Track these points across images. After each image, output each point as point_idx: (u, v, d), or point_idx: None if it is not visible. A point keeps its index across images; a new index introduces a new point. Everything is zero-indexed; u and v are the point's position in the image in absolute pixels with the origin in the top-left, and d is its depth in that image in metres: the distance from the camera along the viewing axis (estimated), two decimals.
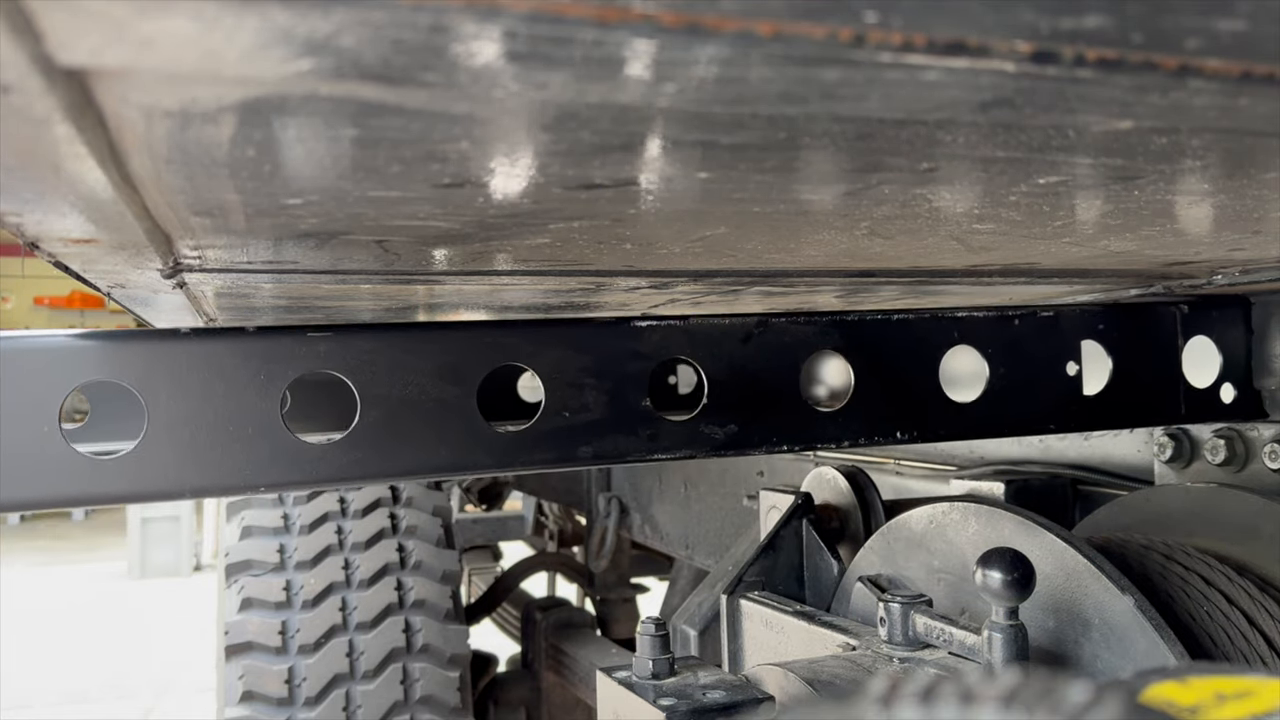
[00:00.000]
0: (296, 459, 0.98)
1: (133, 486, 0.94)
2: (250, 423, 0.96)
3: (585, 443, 1.08)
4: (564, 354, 1.07)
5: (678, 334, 1.13)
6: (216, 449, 0.95)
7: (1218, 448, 1.42)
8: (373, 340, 1.01)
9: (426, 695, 2.97)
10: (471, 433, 1.04)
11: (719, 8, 0.35)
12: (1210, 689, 0.41)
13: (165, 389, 0.93)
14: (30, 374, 0.90)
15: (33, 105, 0.42)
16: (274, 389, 0.97)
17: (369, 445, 1.00)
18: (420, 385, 1.02)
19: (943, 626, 1.12)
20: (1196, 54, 0.40)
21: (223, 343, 0.96)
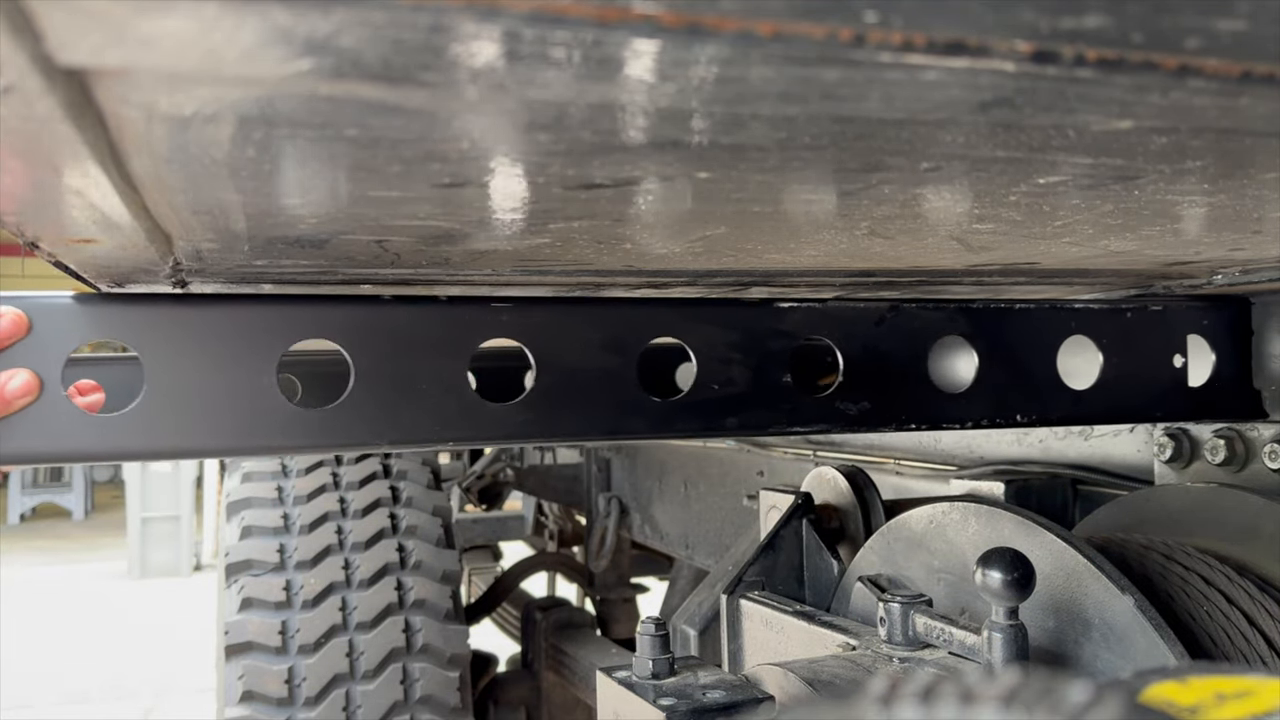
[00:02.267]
0: (479, 418, 1.06)
1: (341, 439, 1.02)
2: (441, 382, 1.04)
3: (731, 414, 1.16)
4: (714, 331, 1.14)
5: (817, 315, 1.19)
6: (412, 405, 1.03)
7: (1217, 448, 1.42)
8: (547, 312, 1.09)
9: (426, 695, 2.97)
10: (631, 400, 1.11)
11: (719, 8, 0.35)
12: (1210, 689, 0.41)
13: (370, 349, 1.01)
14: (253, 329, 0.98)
15: (33, 105, 0.42)
16: (463, 352, 1.05)
17: (542, 408, 1.08)
18: (587, 354, 1.10)
19: (943, 626, 1.12)
20: (1196, 54, 0.40)
21: (419, 309, 1.04)
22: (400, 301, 1.04)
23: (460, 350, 1.05)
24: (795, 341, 1.17)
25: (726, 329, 1.15)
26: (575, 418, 1.09)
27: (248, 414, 0.97)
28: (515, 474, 4.51)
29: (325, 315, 1.00)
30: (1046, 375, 1.28)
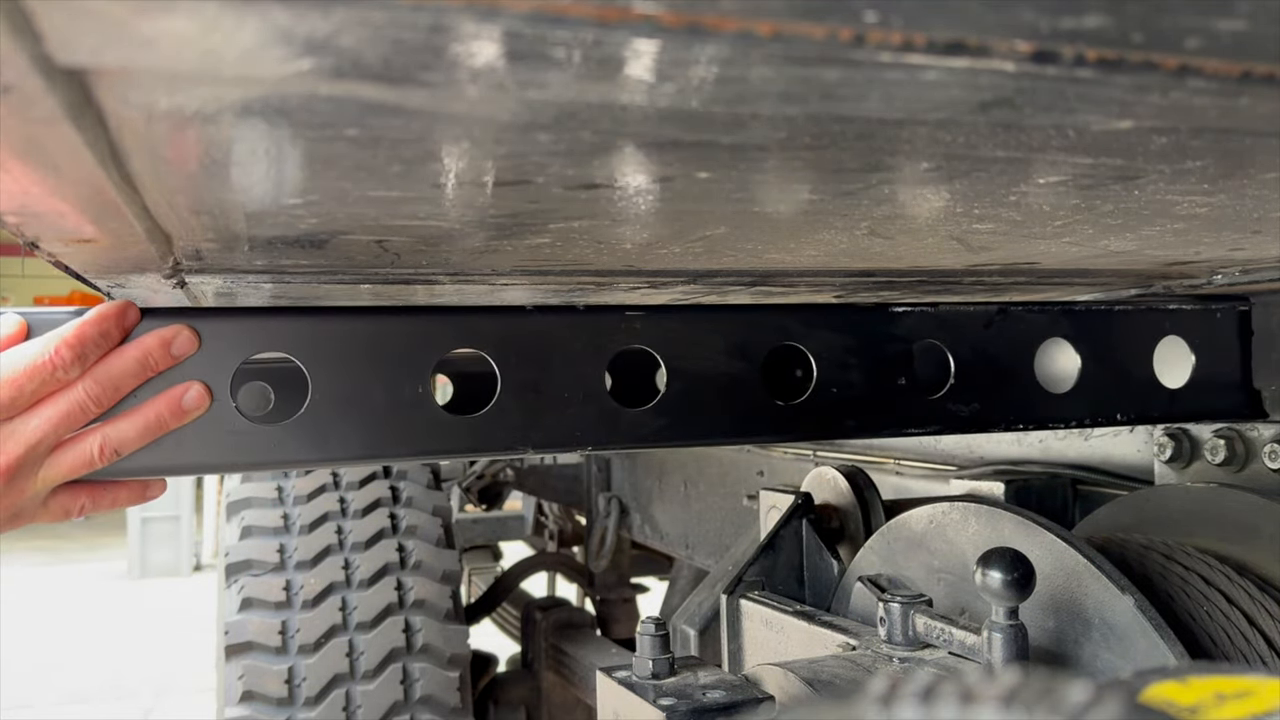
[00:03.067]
0: (616, 422, 1.10)
1: (489, 444, 1.06)
2: (581, 388, 1.08)
3: (850, 416, 1.20)
4: (832, 336, 1.19)
5: (930, 319, 1.24)
6: (554, 411, 1.07)
7: (1217, 448, 1.42)
8: (677, 320, 1.13)
9: (426, 695, 2.97)
10: (757, 404, 1.15)
11: (719, 8, 0.35)
12: (1210, 689, 0.41)
13: (515, 357, 1.06)
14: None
15: (33, 105, 0.42)
16: (600, 359, 1.10)
17: (675, 413, 1.12)
18: (715, 359, 1.14)
19: (943, 626, 1.12)
20: (1196, 54, 0.40)
21: (559, 318, 1.09)
22: (541, 311, 1.09)
23: (597, 357, 1.09)
24: (909, 345, 1.22)
25: (844, 333, 1.19)
26: (705, 421, 1.14)
27: (403, 421, 1.01)
28: (515, 474, 4.52)
29: (474, 325, 1.05)
30: (1144, 375, 1.33)
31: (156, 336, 0.92)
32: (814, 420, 1.18)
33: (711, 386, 1.13)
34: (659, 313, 1.12)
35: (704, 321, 1.14)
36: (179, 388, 0.93)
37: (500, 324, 1.06)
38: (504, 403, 1.05)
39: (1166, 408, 1.36)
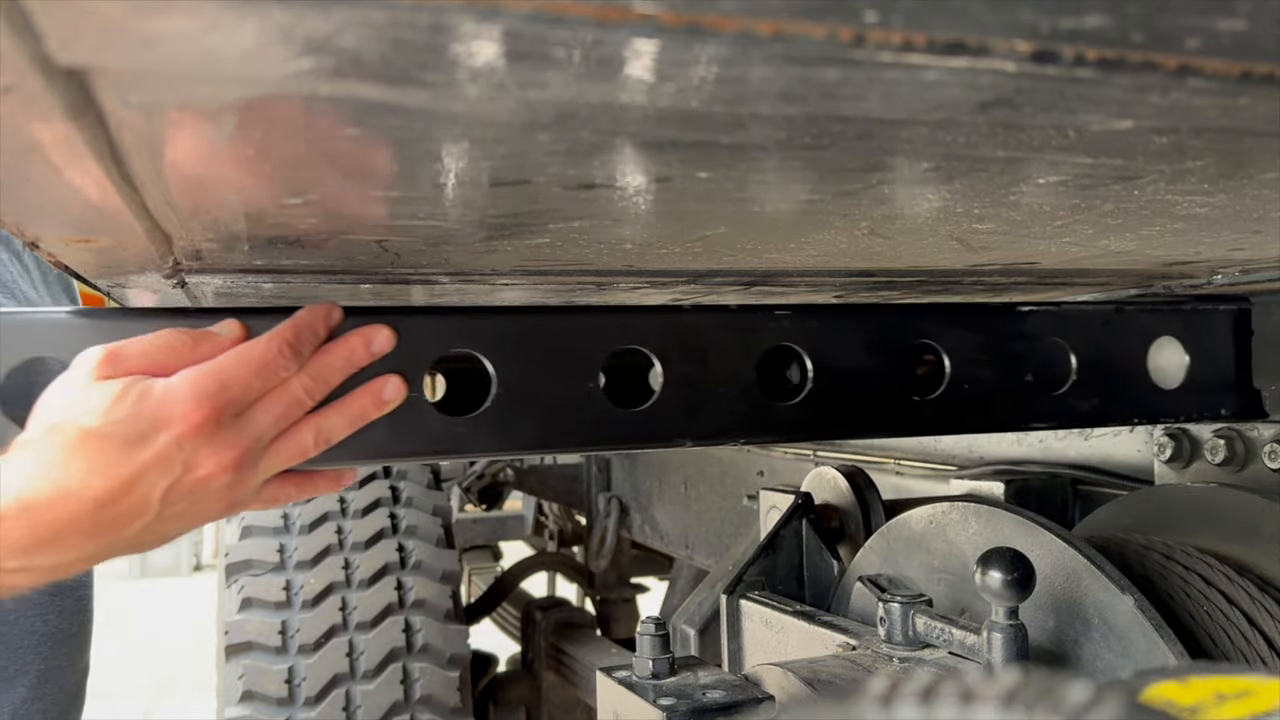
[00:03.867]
0: (767, 417, 1.15)
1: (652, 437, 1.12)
2: (735, 383, 1.13)
3: (979, 412, 1.24)
4: (964, 334, 1.23)
5: (1053, 318, 1.28)
6: (710, 405, 1.13)
7: (1217, 447, 1.42)
8: (821, 319, 1.18)
9: (426, 695, 2.97)
10: (894, 400, 1.20)
11: (719, 7, 0.35)
12: (1210, 689, 0.41)
13: (675, 353, 1.11)
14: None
15: (33, 105, 0.42)
16: (751, 356, 1.14)
17: (819, 408, 1.17)
18: (856, 356, 1.19)
19: (943, 626, 1.12)
20: (1196, 54, 0.40)
21: (714, 316, 1.15)
22: (699, 310, 1.16)
23: (748, 354, 1.14)
24: (1034, 342, 1.27)
25: (974, 332, 1.24)
26: (847, 416, 1.19)
27: (575, 414, 1.07)
28: (515, 474, 4.52)
29: (637, 324, 1.11)
30: (1242, 372, 1.37)
31: (360, 334, 0.97)
32: (947, 415, 1.23)
33: (852, 382, 1.19)
34: (804, 311, 1.18)
35: (846, 320, 1.20)
36: (379, 380, 0.97)
37: (661, 322, 1.12)
38: (665, 397, 1.11)
39: (1260, 407, 1.38)
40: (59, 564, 0.89)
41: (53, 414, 0.86)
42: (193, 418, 0.86)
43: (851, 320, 1.20)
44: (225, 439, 0.88)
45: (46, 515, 0.84)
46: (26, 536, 0.85)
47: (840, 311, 1.21)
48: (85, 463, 0.84)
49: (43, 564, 0.87)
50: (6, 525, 0.83)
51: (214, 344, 0.91)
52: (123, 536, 0.88)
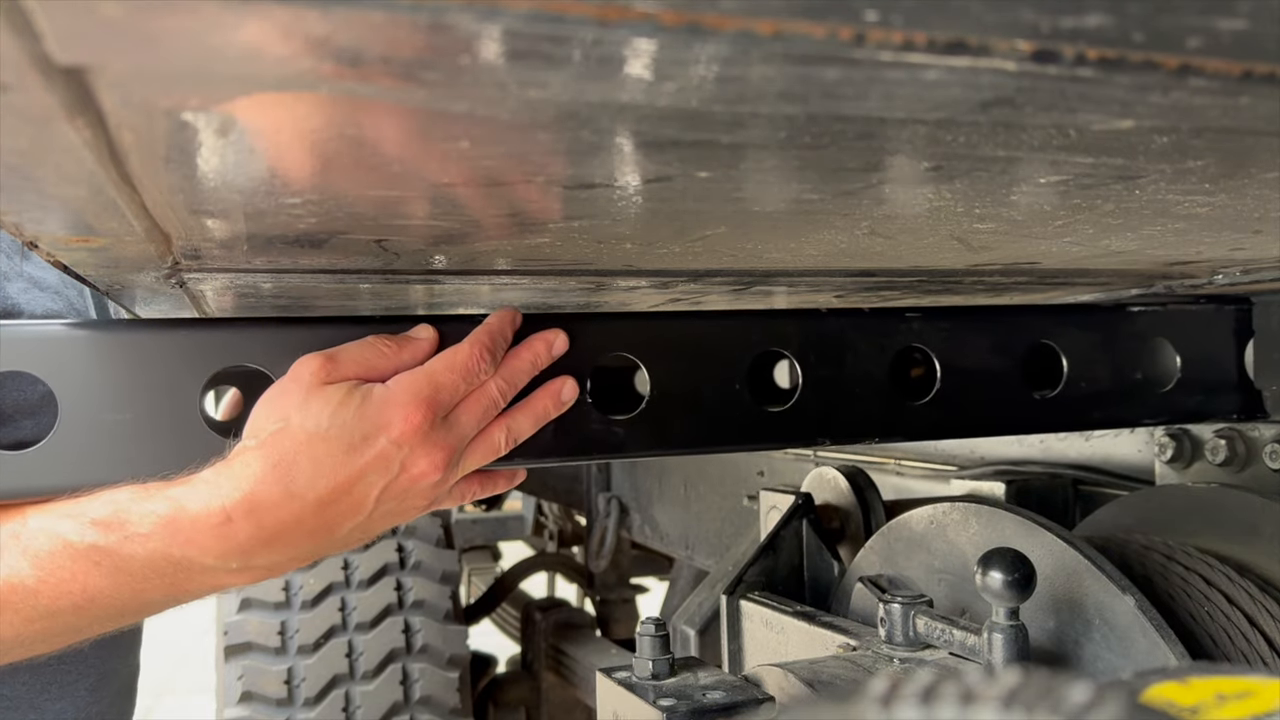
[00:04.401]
0: (900, 416, 1.20)
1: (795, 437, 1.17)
2: (869, 383, 1.19)
3: (1095, 409, 1.29)
4: (1080, 334, 1.29)
5: (1160, 317, 1.34)
6: (848, 405, 1.18)
7: (1218, 448, 1.42)
8: (948, 321, 1.24)
9: (426, 696, 2.97)
10: (1016, 398, 1.26)
11: (719, 7, 0.35)
12: (1211, 689, 0.41)
13: (814, 356, 1.16)
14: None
15: (31, 105, 0.42)
16: (884, 358, 1.20)
17: (947, 407, 1.21)
18: (981, 357, 1.24)
19: (943, 627, 1.12)
20: (1197, 53, 0.40)
21: (850, 320, 1.20)
22: (835, 314, 1.20)
23: (882, 355, 1.19)
24: (1144, 341, 1.33)
25: (1090, 331, 1.29)
26: (973, 415, 1.24)
27: (725, 415, 1.11)
28: None
29: (779, 327, 1.16)
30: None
31: (541, 339, 1.02)
32: (1065, 413, 1.27)
33: (977, 382, 1.23)
34: (933, 314, 1.24)
35: (972, 322, 1.25)
36: (558, 381, 1.03)
37: (802, 326, 1.17)
38: (805, 398, 1.15)
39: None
40: (276, 563, 0.92)
41: (275, 419, 0.89)
42: (412, 420, 0.90)
43: (976, 321, 1.26)
44: (436, 440, 0.92)
45: (272, 516, 0.87)
46: (253, 537, 0.87)
47: (966, 313, 1.28)
48: (311, 465, 0.88)
49: (262, 563, 0.90)
50: (235, 526, 0.86)
51: (415, 349, 0.96)
52: (336, 536, 0.92)
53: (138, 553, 0.87)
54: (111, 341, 0.93)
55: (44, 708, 1.27)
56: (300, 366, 0.92)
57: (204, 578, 0.90)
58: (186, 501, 0.87)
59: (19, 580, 0.87)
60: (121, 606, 0.92)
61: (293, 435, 0.88)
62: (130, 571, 0.88)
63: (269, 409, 0.91)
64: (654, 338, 1.10)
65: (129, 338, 0.95)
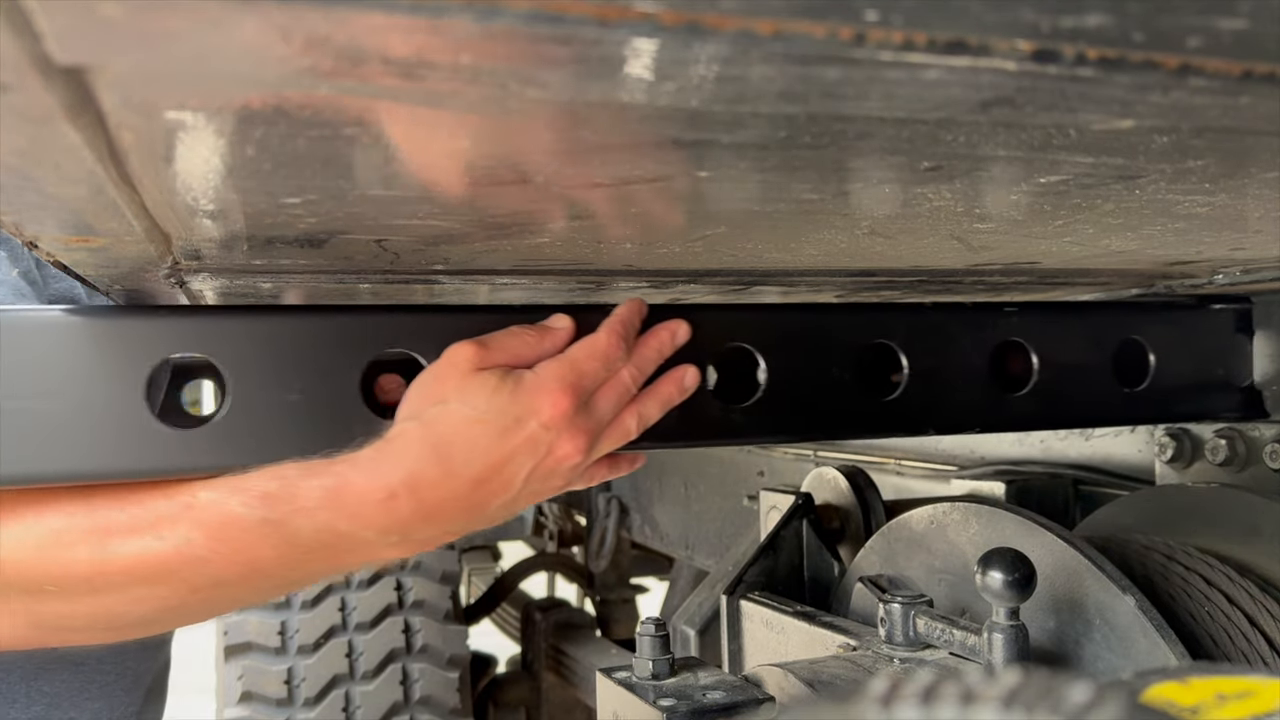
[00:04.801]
0: (1000, 407, 1.24)
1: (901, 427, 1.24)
2: (971, 375, 1.22)
3: (1181, 403, 1.35)
4: (1166, 329, 1.33)
5: (1244, 315, 1.38)
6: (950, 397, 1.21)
7: (1219, 448, 1.42)
8: (1044, 315, 1.28)
9: (426, 696, 2.97)
10: (1106, 391, 1.30)
11: (719, 6, 0.35)
12: (1211, 689, 0.41)
13: (918, 348, 1.19)
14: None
15: (31, 104, 0.42)
16: (984, 350, 1.23)
17: (1044, 399, 1.25)
18: (1074, 351, 1.27)
19: (943, 627, 1.12)
20: (1197, 53, 0.40)
21: (950, 314, 1.23)
22: (938, 308, 1.23)
23: (982, 348, 1.22)
24: (1229, 338, 1.38)
25: (1174, 326, 1.34)
26: (1069, 407, 1.27)
27: (834, 404, 1.17)
28: None
29: (884, 320, 1.20)
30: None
31: (666, 328, 1.06)
32: (1154, 406, 1.32)
33: (1072, 374, 1.27)
34: (1031, 309, 1.27)
35: (1068, 317, 1.29)
36: (681, 369, 1.06)
37: (907, 318, 1.20)
38: (910, 389, 1.18)
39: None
40: (431, 537, 0.97)
41: (434, 401, 0.94)
42: (560, 405, 0.95)
43: (1072, 317, 1.29)
44: (580, 424, 0.97)
45: (432, 493, 0.92)
46: (414, 513, 0.92)
47: (1061, 308, 1.32)
48: (468, 446, 0.93)
49: (418, 537, 0.96)
50: (398, 502, 0.91)
51: (555, 338, 1.01)
52: (485, 512, 0.97)
53: (305, 526, 0.91)
54: (278, 326, 0.98)
55: (84, 706, 1.30)
56: (455, 353, 0.96)
57: (364, 550, 0.95)
58: (352, 478, 0.91)
59: (191, 551, 0.91)
60: (285, 577, 0.97)
61: (451, 418, 0.93)
62: (296, 544, 0.92)
63: (426, 392, 0.96)
64: (768, 328, 1.14)
65: (294, 323, 0.99)
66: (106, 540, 0.91)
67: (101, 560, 0.91)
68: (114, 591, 0.93)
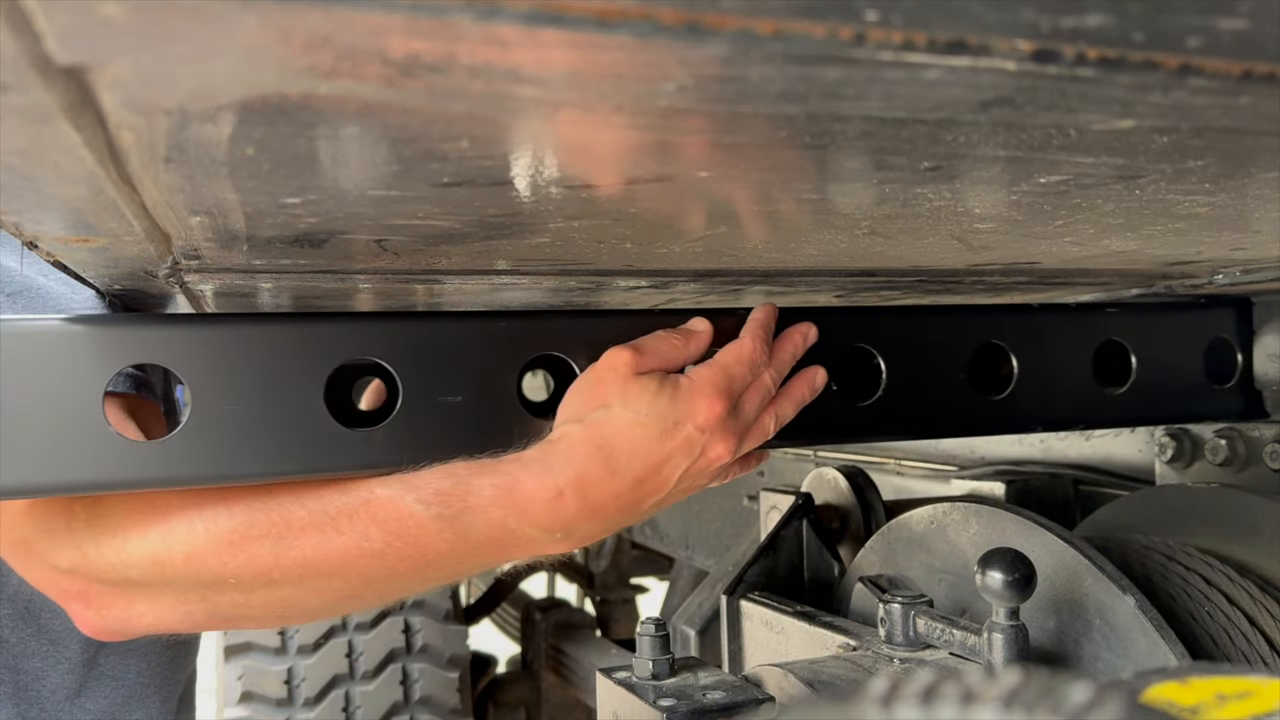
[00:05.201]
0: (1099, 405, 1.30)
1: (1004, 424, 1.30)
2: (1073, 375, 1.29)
3: (1175, 402, 1.38)
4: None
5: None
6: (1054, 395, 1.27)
7: (1219, 448, 1.42)
8: (1141, 315, 1.33)
9: (426, 696, 2.97)
10: (1202, 387, 1.36)
11: (719, 6, 0.35)
12: (1211, 689, 0.41)
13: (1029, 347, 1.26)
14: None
15: (31, 104, 0.42)
16: (1086, 350, 1.29)
17: (1143, 395, 1.31)
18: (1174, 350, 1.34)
19: (943, 627, 1.12)
20: (1198, 53, 0.40)
21: (1056, 315, 1.29)
22: (1045, 309, 1.30)
23: (1084, 348, 1.29)
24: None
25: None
26: (1167, 403, 1.33)
27: (947, 403, 1.21)
28: None
29: (996, 321, 1.25)
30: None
31: (798, 330, 1.11)
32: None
33: (1167, 373, 1.34)
34: (1132, 309, 1.34)
35: (1162, 315, 1.35)
36: (812, 370, 1.12)
37: (1016, 319, 1.26)
38: (1019, 387, 1.24)
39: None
40: (590, 534, 1.02)
41: (596, 404, 0.99)
42: (714, 409, 1.00)
43: (1167, 315, 1.35)
44: (730, 427, 1.01)
45: (596, 492, 0.97)
46: (579, 511, 0.97)
47: (1158, 309, 1.37)
48: (630, 447, 0.98)
49: (579, 534, 1.00)
50: (565, 500, 0.96)
51: (698, 341, 1.06)
52: (640, 510, 1.02)
53: (476, 522, 0.96)
54: (443, 330, 1.03)
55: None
56: (613, 357, 1.01)
57: (529, 546, 1.00)
58: (522, 477, 0.96)
59: (368, 545, 0.96)
60: (454, 569, 1.02)
61: (615, 421, 0.98)
62: (468, 538, 0.96)
63: (587, 395, 1.01)
64: (887, 329, 1.19)
65: (458, 327, 1.04)
66: (286, 535, 0.96)
67: (281, 554, 0.96)
68: (291, 584, 0.97)
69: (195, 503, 0.96)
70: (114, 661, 1.34)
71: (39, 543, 0.98)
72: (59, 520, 0.97)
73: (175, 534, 0.95)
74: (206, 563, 0.95)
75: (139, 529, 0.96)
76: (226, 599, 0.98)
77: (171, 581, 0.97)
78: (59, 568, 0.97)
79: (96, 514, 0.97)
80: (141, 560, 0.95)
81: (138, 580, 0.97)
